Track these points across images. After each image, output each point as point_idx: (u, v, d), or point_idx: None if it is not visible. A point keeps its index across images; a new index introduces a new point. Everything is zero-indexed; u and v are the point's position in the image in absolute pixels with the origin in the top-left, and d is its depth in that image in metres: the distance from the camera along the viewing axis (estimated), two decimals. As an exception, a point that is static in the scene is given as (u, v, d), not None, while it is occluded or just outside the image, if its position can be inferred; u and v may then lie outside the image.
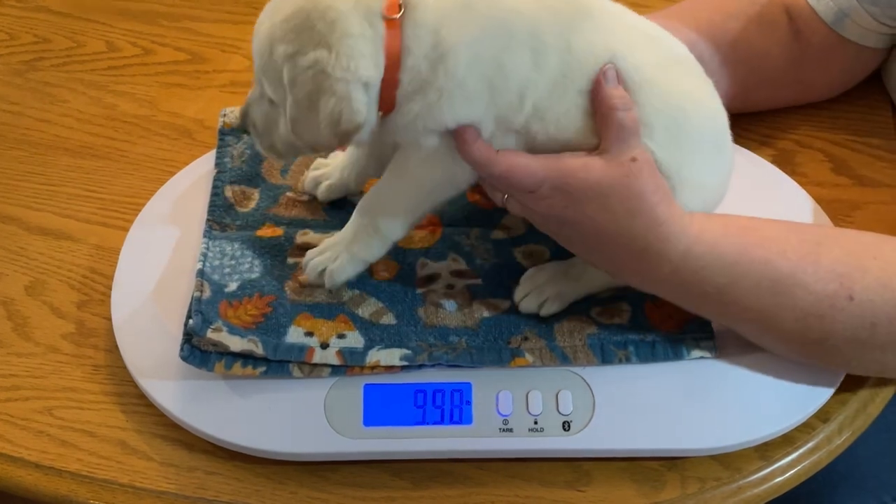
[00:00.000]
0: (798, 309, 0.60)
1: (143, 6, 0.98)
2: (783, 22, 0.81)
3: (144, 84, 0.90)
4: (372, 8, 0.57)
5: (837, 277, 0.60)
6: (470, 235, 0.71)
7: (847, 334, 0.60)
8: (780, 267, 0.60)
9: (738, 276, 0.60)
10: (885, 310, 0.60)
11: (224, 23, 0.96)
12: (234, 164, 0.75)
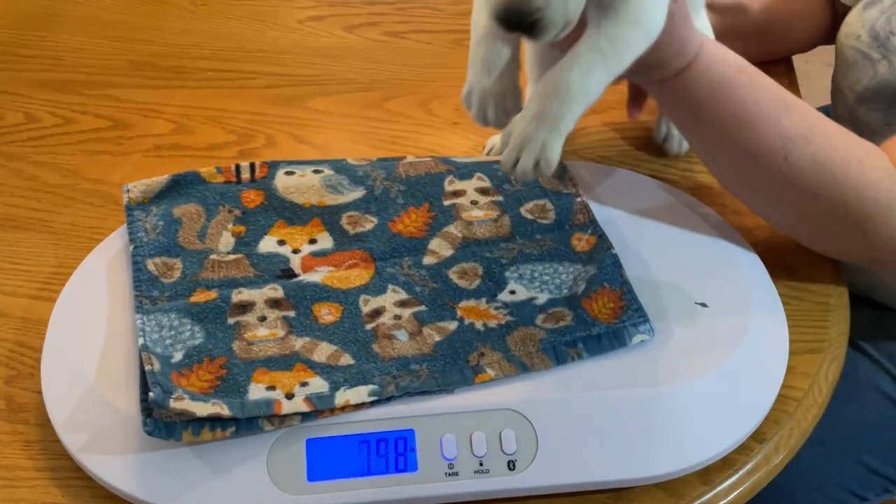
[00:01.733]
0: (744, 146, 0.71)
1: (62, 76, 0.98)
2: None
3: (66, 153, 0.89)
4: None
5: (784, 139, 0.70)
6: (402, 265, 0.72)
7: (769, 186, 0.72)
8: (747, 108, 0.70)
9: (713, 99, 0.70)
10: (805, 179, 0.70)
11: (146, 88, 0.96)
12: (150, 237, 0.74)
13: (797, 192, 0.72)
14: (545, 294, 0.71)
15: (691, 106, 0.71)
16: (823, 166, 0.70)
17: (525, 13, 0.57)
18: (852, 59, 0.92)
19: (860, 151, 0.72)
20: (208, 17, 1.06)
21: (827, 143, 0.71)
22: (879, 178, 0.71)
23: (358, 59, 1.01)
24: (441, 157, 0.82)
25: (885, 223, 0.71)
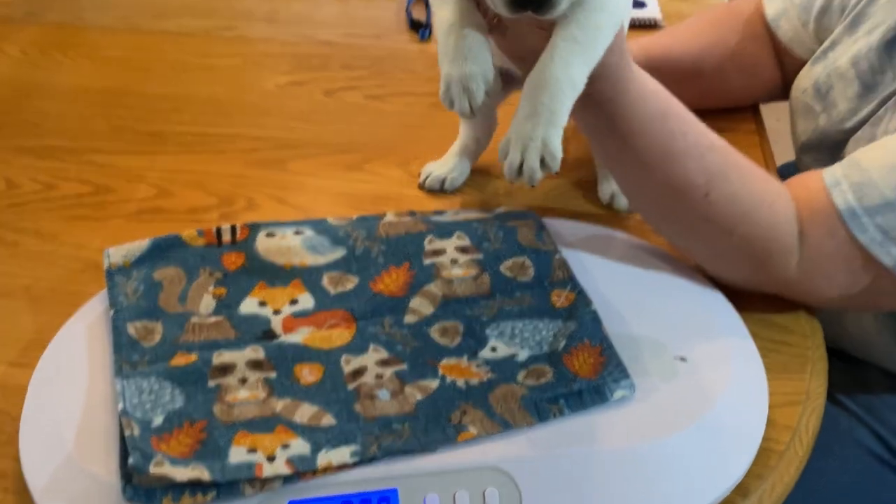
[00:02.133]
0: (669, 179, 0.74)
1: (44, 142, 0.98)
2: (730, 26, 1.00)
3: (47, 219, 0.89)
4: None
5: (707, 175, 0.74)
6: (384, 325, 0.72)
7: (688, 220, 0.75)
8: (676, 141, 0.74)
9: (646, 129, 0.73)
10: (722, 216, 0.74)
11: (127, 153, 0.97)
12: (130, 301, 0.74)
13: (713, 227, 0.75)
14: (526, 350, 0.71)
15: (625, 133, 0.74)
16: (739, 205, 0.74)
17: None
18: (799, 111, 0.96)
19: (773, 193, 0.76)
20: (189, 83, 1.07)
21: (745, 183, 0.75)
22: (785, 220, 0.75)
23: (337, 122, 1.03)
24: (421, 216, 0.83)
25: (783, 263, 0.75)
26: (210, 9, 1.20)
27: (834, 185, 0.74)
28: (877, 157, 0.74)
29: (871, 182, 0.72)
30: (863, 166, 0.73)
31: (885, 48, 0.85)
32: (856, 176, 0.73)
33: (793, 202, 0.76)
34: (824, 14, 0.96)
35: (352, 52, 1.13)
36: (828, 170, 0.76)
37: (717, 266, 0.79)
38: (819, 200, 0.75)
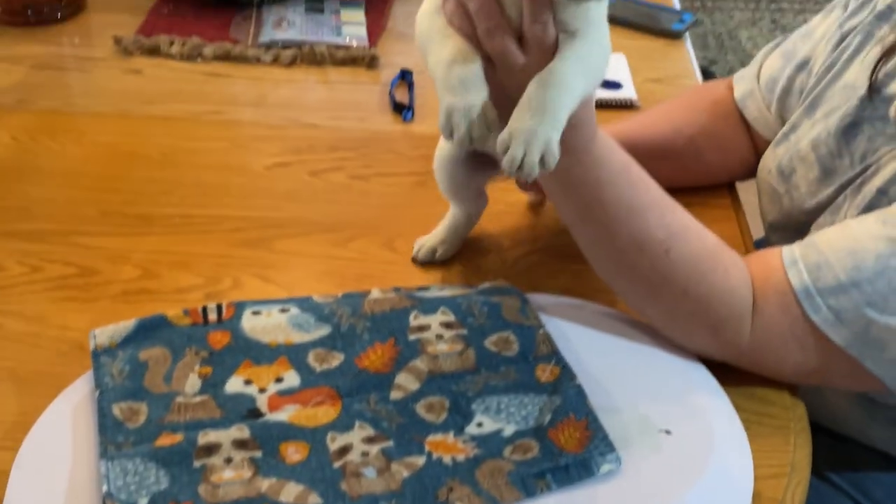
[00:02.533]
0: (632, 233, 0.77)
1: (30, 226, 0.99)
2: (703, 107, 1.04)
3: (33, 301, 0.89)
4: None
5: (668, 233, 0.77)
6: (370, 401, 0.72)
7: (648, 277, 0.77)
8: (640, 196, 0.78)
9: (613, 181, 0.77)
10: (680, 274, 0.76)
11: (114, 235, 0.98)
12: (116, 381, 0.74)
13: (671, 287, 0.77)
14: (512, 425, 0.71)
15: (592, 185, 0.76)
16: (696, 266, 0.77)
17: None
18: (765, 191, 0.98)
19: (727, 260, 0.78)
20: (177, 167, 1.09)
21: (702, 246, 0.78)
22: (739, 287, 0.77)
23: (323, 201, 1.04)
24: (406, 292, 0.84)
25: (736, 330, 0.77)
26: (199, 94, 1.23)
27: (791, 264, 0.76)
28: (833, 241, 0.76)
29: (827, 264, 0.74)
30: (819, 248, 0.76)
31: (843, 134, 0.87)
32: (812, 257, 0.75)
33: (748, 273, 0.78)
34: (786, 96, 0.99)
35: (337, 134, 1.16)
36: (786, 248, 0.78)
37: (674, 330, 0.80)
38: (776, 277, 0.76)
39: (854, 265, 0.73)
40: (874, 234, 0.74)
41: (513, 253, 0.97)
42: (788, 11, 3.46)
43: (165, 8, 1.41)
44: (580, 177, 0.77)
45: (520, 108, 0.68)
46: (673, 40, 1.38)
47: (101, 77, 1.27)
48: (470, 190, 0.92)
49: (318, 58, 1.30)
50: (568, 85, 0.68)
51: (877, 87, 0.85)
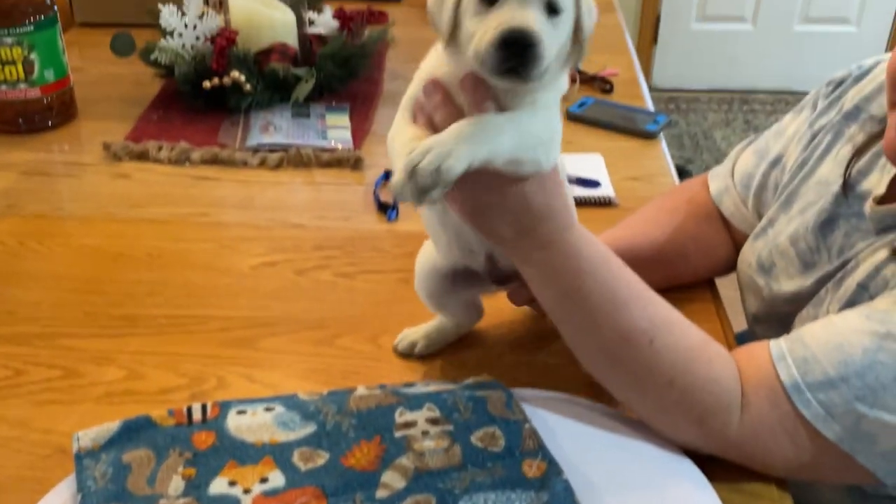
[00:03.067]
0: (616, 325, 0.77)
1: (15, 329, 0.99)
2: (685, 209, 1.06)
3: (16, 405, 0.89)
4: None
5: (651, 324, 0.78)
6: (355, 500, 0.71)
7: (633, 368, 0.78)
8: (622, 288, 0.79)
9: (594, 271, 0.78)
10: (664, 364, 0.77)
11: (99, 337, 0.98)
12: (99, 485, 0.73)
13: (656, 377, 0.77)
14: None
15: (573, 276, 0.78)
16: (680, 356, 0.77)
17: (529, 35, 0.68)
18: (746, 285, 1.00)
19: (712, 351, 0.79)
20: (163, 268, 1.10)
21: (685, 337, 0.79)
22: (724, 377, 0.77)
23: (308, 299, 1.05)
24: (391, 389, 0.84)
25: (723, 422, 0.77)
26: (186, 197, 1.25)
27: (779, 358, 0.77)
28: (820, 335, 0.77)
29: (815, 359, 0.75)
30: (806, 342, 0.77)
31: (820, 229, 0.90)
32: (800, 351, 0.76)
33: (735, 365, 0.79)
34: (762, 191, 1.02)
35: (323, 233, 1.17)
36: (774, 342, 0.79)
37: (661, 421, 0.80)
38: (764, 371, 0.77)
39: (841, 360, 0.74)
40: (859, 328, 0.75)
41: (497, 348, 0.97)
42: (760, 112, 3.57)
43: (155, 114, 1.45)
44: (559, 266, 0.78)
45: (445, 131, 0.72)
46: (649, 140, 1.42)
47: (90, 182, 1.29)
48: (452, 303, 0.93)
49: (304, 160, 1.33)
50: (491, 130, 0.71)
51: (850, 185, 0.88)
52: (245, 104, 1.41)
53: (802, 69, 3.66)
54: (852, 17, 3.59)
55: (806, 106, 1.01)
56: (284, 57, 1.45)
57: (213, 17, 1.46)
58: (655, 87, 3.70)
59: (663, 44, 3.66)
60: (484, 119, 0.72)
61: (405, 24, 1.82)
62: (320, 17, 1.61)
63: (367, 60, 1.55)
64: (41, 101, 1.39)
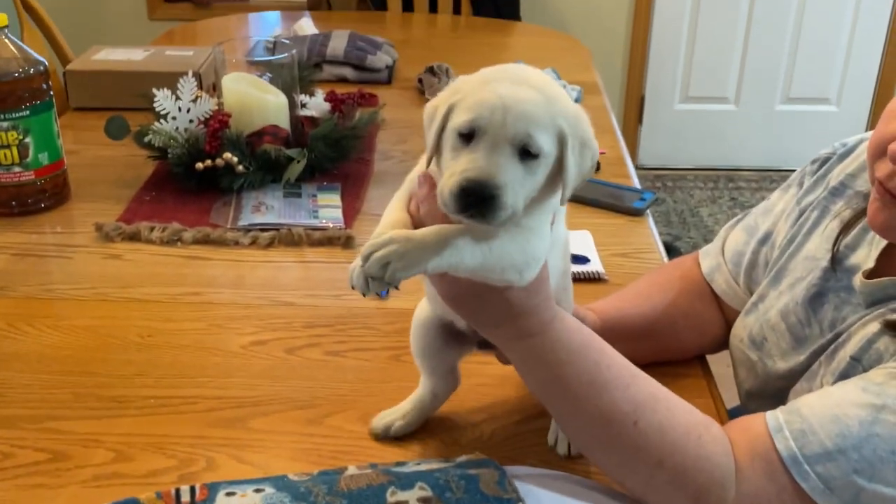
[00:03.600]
0: (598, 408, 0.77)
1: (3, 412, 0.98)
2: (678, 286, 1.07)
3: (2, 489, 0.87)
4: None
5: (633, 405, 0.77)
6: None
7: (620, 449, 0.77)
8: (601, 372, 0.78)
9: (572, 360, 0.78)
10: (651, 445, 0.76)
11: (87, 419, 0.97)
12: None
13: (644, 458, 0.76)
14: None
15: (553, 365, 0.78)
16: (667, 435, 0.77)
17: (488, 187, 0.69)
18: (739, 360, 1.01)
19: (700, 426, 0.78)
20: (153, 348, 1.10)
21: (671, 414, 0.78)
22: (716, 453, 0.76)
23: (299, 377, 1.05)
24: (382, 468, 0.83)
25: (718, 497, 0.76)
26: (177, 277, 1.26)
27: (776, 430, 0.77)
28: (816, 407, 0.77)
29: (812, 431, 0.75)
30: (803, 414, 0.77)
31: (809, 303, 0.91)
32: (797, 423, 0.76)
33: (727, 439, 0.78)
34: (752, 268, 1.03)
35: (313, 311, 1.18)
36: (770, 414, 0.79)
37: (655, 501, 0.79)
38: (761, 444, 0.77)
39: (839, 432, 0.74)
40: (856, 400, 0.75)
41: (489, 425, 0.97)
42: (746, 189, 3.62)
43: (148, 196, 1.47)
44: (539, 357, 0.79)
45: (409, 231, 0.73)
46: (636, 217, 1.44)
47: (82, 263, 1.30)
48: (440, 361, 0.93)
49: (295, 239, 1.34)
50: (457, 245, 0.71)
51: (839, 259, 0.90)
52: (237, 185, 1.43)
53: (785, 147, 3.73)
54: (832, 96, 3.68)
55: (793, 183, 1.03)
56: (276, 139, 1.47)
57: (206, 100, 1.49)
58: (642, 165, 3.76)
59: (648, 123, 3.73)
60: (454, 232, 0.72)
61: (396, 106, 1.86)
62: (312, 99, 1.64)
63: (358, 141, 1.58)
64: (35, 184, 1.41)
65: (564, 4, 3.45)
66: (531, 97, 0.71)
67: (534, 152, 0.70)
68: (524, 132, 0.70)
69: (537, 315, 0.78)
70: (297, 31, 2.25)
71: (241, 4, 3.37)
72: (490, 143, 0.70)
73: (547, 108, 0.71)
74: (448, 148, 0.73)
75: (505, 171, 0.69)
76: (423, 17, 3.00)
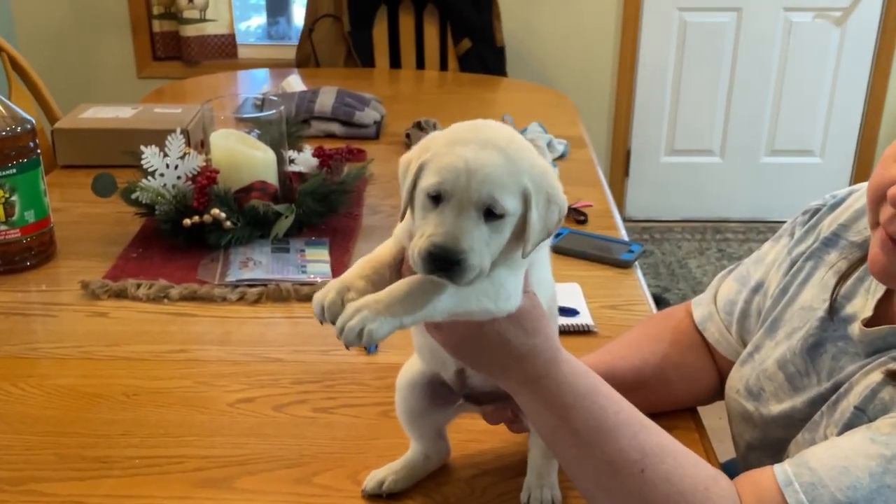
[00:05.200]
0: (605, 454, 0.77)
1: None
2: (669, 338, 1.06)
3: (-20, 555, 0.85)
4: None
5: (641, 453, 0.77)
6: None
7: (626, 498, 0.76)
8: (609, 417, 0.78)
9: (580, 404, 0.78)
10: (658, 494, 0.75)
11: (71, 480, 0.95)
12: None
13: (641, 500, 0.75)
14: None
15: (560, 409, 0.78)
16: (674, 485, 0.76)
17: (453, 252, 0.71)
18: (736, 412, 1.00)
19: (707, 478, 0.77)
20: (139, 407, 1.08)
21: (678, 464, 0.77)
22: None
23: (287, 435, 1.03)
24: (372, 529, 0.81)
25: None
26: (163, 334, 1.24)
27: (786, 483, 0.76)
28: (825, 459, 0.76)
29: (822, 483, 0.74)
30: (812, 466, 0.76)
31: (807, 353, 0.91)
32: (806, 476, 0.75)
33: (734, 491, 0.77)
34: (745, 318, 1.03)
35: (301, 367, 1.16)
36: (778, 467, 0.78)
37: None
38: (770, 498, 0.76)
39: (850, 484, 0.73)
40: (864, 452, 0.75)
41: (481, 481, 0.95)
42: (733, 241, 3.64)
43: (134, 252, 1.46)
44: (546, 401, 0.78)
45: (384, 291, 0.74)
46: (624, 270, 1.44)
47: (67, 321, 1.28)
48: (427, 424, 0.92)
49: (283, 294, 1.33)
50: (428, 293, 0.73)
51: (836, 309, 0.90)
52: (225, 241, 1.42)
53: (771, 199, 3.76)
54: (816, 148, 3.72)
55: (784, 234, 1.04)
56: (264, 194, 1.47)
57: (194, 157, 1.49)
58: (629, 217, 3.78)
59: (635, 176, 3.76)
60: (423, 281, 0.74)
61: (384, 161, 1.87)
62: (300, 155, 1.65)
63: (346, 196, 1.58)
64: (21, 242, 1.40)
65: (550, 61, 3.50)
66: (494, 160, 0.73)
67: (498, 213, 0.73)
68: (488, 195, 0.72)
69: (541, 356, 0.78)
70: (286, 87, 2.27)
71: (230, 62, 3.40)
72: (456, 206, 0.72)
73: (510, 170, 0.73)
74: (419, 206, 0.75)
75: (470, 234, 0.72)
76: (411, 73, 3.03)
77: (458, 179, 0.72)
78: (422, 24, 3.12)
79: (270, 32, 3.99)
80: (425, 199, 0.74)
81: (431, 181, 0.73)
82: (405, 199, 0.77)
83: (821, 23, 3.54)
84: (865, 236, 0.90)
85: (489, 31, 3.12)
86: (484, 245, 0.72)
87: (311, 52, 3.15)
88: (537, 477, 0.91)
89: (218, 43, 3.42)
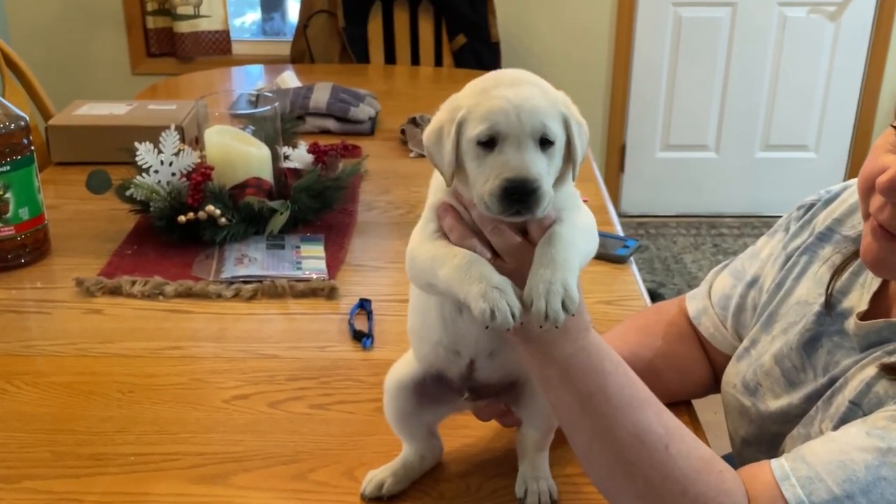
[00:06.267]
0: (634, 426, 0.77)
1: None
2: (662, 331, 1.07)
3: (-25, 552, 0.85)
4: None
5: (665, 428, 0.78)
6: None
7: (648, 473, 0.76)
8: (640, 390, 0.80)
9: (618, 371, 0.79)
10: (679, 471, 0.76)
11: (66, 478, 0.95)
12: None
13: (670, 485, 0.76)
14: None
15: (598, 374, 0.78)
16: (693, 464, 0.77)
17: (529, 181, 0.74)
18: (732, 407, 1.00)
19: (721, 464, 0.78)
20: (134, 404, 1.08)
21: (697, 446, 0.79)
22: (732, 490, 0.76)
23: (282, 432, 1.03)
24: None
25: None
26: (159, 331, 1.24)
27: (783, 478, 0.76)
28: (821, 453, 0.77)
29: (819, 477, 0.75)
30: (808, 461, 0.76)
31: (804, 348, 0.92)
32: (803, 470, 0.76)
33: (741, 481, 0.78)
34: (740, 312, 1.03)
35: (297, 363, 1.16)
36: (775, 462, 0.78)
37: None
38: (768, 492, 0.76)
39: (846, 477, 0.74)
40: (860, 445, 0.75)
41: (476, 478, 0.95)
42: (728, 236, 3.64)
43: (129, 249, 1.46)
44: (583, 364, 0.78)
45: (533, 268, 0.75)
46: (620, 265, 1.44)
47: (62, 318, 1.28)
48: (416, 425, 0.92)
49: (278, 291, 1.33)
50: (568, 240, 0.76)
51: (832, 304, 0.90)
52: (220, 237, 1.42)
53: (766, 194, 3.76)
54: (811, 143, 3.73)
55: (779, 229, 1.04)
56: (259, 191, 1.47)
57: (189, 153, 1.49)
58: (624, 213, 3.78)
59: (630, 172, 3.76)
60: (553, 238, 0.76)
61: (379, 157, 1.86)
62: (295, 151, 1.65)
63: (341, 192, 1.58)
64: (15, 240, 1.40)
65: (545, 57, 3.50)
66: (534, 93, 0.77)
67: (551, 139, 0.76)
68: (540, 123, 0.75)
69: (583, 318, 0.80)
70: (280, 83, 2.26)
71: (225, 58, 3.39)
72: (514, 142, 0.75)
73: (548, 99, 0.77)
74: (469, 159, 0.77)
75: (536, 164, 0.75)
76: (406, 69, 3.03)
77: (509, 117, 0.74)
78: (416, 19, 3.12)
79: (265, 28, 3.99)
80: (476, 149, 0.76)
81: (481, 128, 0.75)
82: (451, 160, 0.78)
83: (815, 18, 3.55)
84: (859, 231, 0.91)
85: (484, 27, 3.12)
86: (546, 172, 0.75)
87: (306, 48, 3.14)
88: (531, 469, 0.91)
89: (212, 39, 3.42)
